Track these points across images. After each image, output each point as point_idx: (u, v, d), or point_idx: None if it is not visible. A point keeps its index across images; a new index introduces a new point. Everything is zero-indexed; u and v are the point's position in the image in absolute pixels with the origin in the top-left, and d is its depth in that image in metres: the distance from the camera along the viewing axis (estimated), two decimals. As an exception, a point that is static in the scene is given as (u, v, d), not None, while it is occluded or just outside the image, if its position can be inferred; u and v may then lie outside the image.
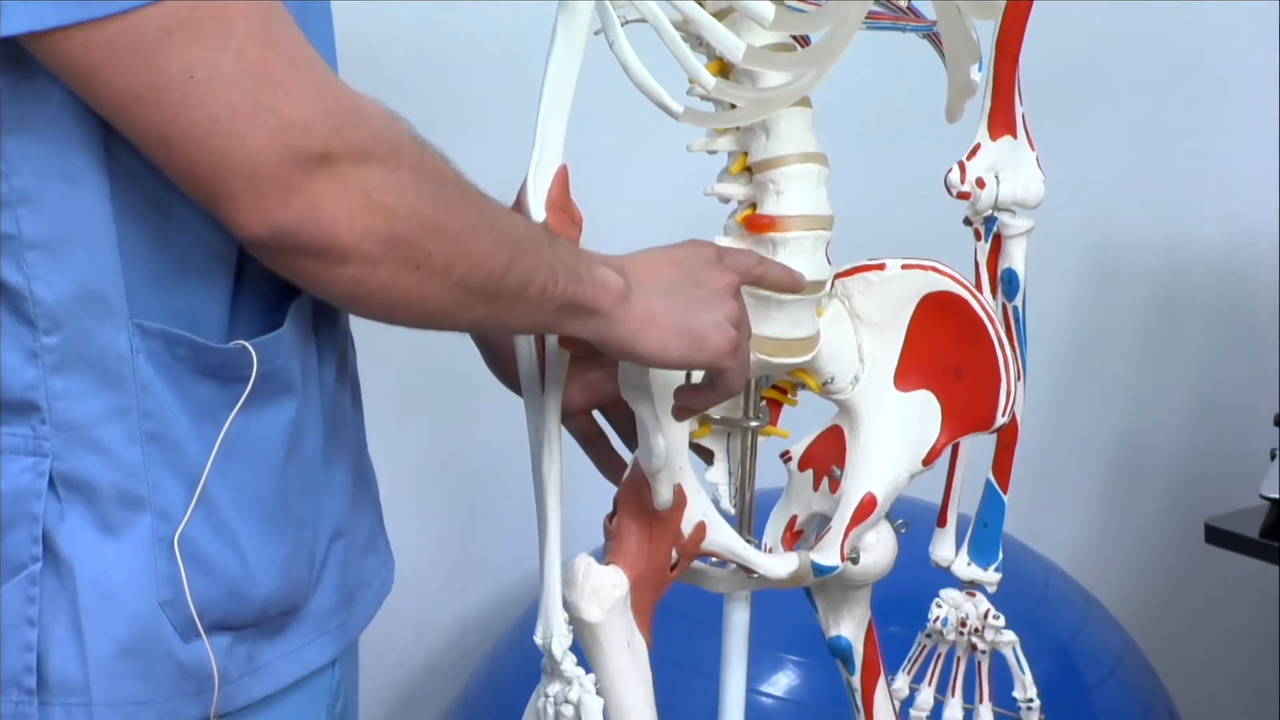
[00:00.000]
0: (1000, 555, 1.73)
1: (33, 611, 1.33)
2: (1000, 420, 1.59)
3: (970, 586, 1.74)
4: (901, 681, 1.79)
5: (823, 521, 1.62)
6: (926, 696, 1.79)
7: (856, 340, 1.58)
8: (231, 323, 1.35)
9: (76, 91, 1.25)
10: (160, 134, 1.24)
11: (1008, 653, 1.75)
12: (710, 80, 1.42)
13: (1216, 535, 2.40)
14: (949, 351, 1.59)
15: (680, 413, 1.48)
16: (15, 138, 1.28)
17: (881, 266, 1.57)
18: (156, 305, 1.33)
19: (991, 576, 1.73)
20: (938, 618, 1.75)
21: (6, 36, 1.22)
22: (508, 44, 2.47)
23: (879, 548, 1.62)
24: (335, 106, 1.25)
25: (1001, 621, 1.74)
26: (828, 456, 1.61)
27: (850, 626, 1.69)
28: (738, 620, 1.64)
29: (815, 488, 1.62)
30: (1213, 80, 2.93)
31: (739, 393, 1.48)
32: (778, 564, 1.57)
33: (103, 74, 1.23)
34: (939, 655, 1.76)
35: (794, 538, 1.64)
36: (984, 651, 1.75)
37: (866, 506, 1.58)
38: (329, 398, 1.45)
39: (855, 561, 1.61)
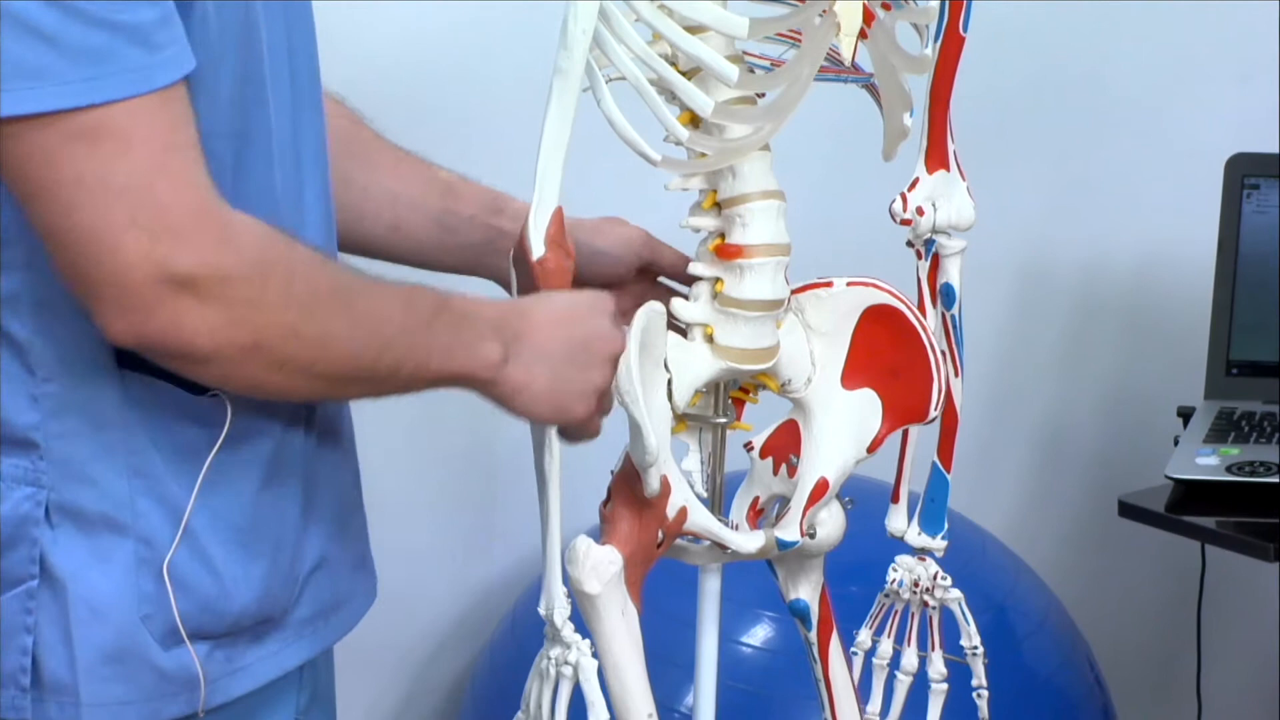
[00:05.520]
0: (946, 525, 1.74)
1: (30, 620, 1.33)
2: (933, 413, 1.62)
3: (921, 552, 1.75)
4: (865, 635, 1.79)
5: (782, 501, 1.64)
6: (886, 647, 1.78)
7: (809, 347, 1.60)
8: None
9: None
10: (49, 230, 1.22)
11: (954, 608, 1.76)
12: (684, 132, 1.44)
13: (1128, 510, 2.41)
14: (887, 355, 1.61)
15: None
16: (18, 209, 1.24)
17: (829, 284, 1.60)
18: (142, 359, 1.29)
19: (939, 544, 1.74)
20: (894, 580, 1.76)
21: None
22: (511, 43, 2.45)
23: (830, 523, 1.64)
24: (208, 233, 1.21)
25: (949, 581, 1.75)
26: (785, 446, 1.63)
27: (807, 590, 1.70)
28: (710, 588, 1.66)
29: (775, 473, 1.64)
30: (1121, 125, 2.95)
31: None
32: (747, 541, 1.60)
33: (9, 162, 1.20)
34: (896, 612, 1.77)
35: (756, 515, 1.66)
36: (934, 608, 1.75)
37: (820, 489, 1.61)
38: (311, 442, 1.42)
39: (813, 537, 1.62)
